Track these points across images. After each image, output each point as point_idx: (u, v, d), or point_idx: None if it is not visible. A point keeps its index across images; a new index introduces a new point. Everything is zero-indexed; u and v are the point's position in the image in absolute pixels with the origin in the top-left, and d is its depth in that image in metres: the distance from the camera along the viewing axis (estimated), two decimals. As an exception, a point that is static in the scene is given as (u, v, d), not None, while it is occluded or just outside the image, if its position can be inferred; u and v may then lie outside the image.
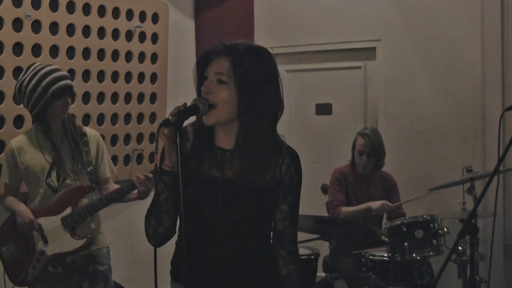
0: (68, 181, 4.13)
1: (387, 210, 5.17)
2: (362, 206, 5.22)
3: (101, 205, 4.15)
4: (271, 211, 2.62)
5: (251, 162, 2.52)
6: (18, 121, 4.71)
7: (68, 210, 4.10)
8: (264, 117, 2.51)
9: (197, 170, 2.55)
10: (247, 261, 2.59)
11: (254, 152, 2.51)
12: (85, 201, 4.16)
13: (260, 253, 2.63)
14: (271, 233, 2.68)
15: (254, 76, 2.45)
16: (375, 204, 5.16)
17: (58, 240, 4.09)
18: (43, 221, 4.07)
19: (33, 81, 3.98)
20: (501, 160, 3.20)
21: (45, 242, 4.09)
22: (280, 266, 2.64)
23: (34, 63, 4.12)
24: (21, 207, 4.09)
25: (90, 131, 4.32)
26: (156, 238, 2.56)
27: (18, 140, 4.17)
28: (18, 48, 4.71)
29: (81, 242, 4.11)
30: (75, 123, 4.26)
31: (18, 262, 4.14)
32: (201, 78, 2.52)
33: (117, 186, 4.35)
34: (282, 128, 3.09)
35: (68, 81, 4.09)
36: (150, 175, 3.95)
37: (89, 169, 4.20)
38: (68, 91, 4.08)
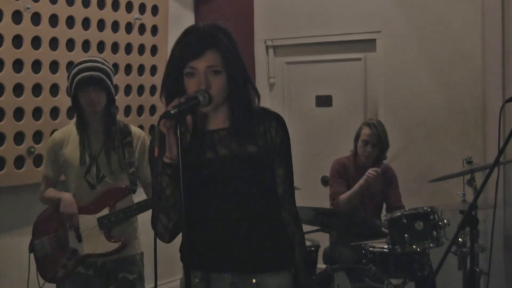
0: (107, 179, 4.04)
1: (373, 178, 5.15)
2: (355, 187, 5.21)
3: (140, 210, 4.07)
4: (272, 178, 2.65)
5: (242, 135, 2.58)
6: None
7: (105, 211, 4.03)
8: (249, 88, 2.61)
9: (192, 158, 2.56)
10: (258, 237, 2.61)
11: (247, 124, 2.58)
12: (124, 203, 4.08)
13: (270, 227, 2.65)
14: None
15: (235, 56, 2.55)
16: (362, 180, 5.16)
17: (92, 240, 4.02)
18: (79, 218, 4.02)
19: (69, 72, 3.97)
20: (501, 151, 3.20)
21: (79, 240, 4.02)
22: None
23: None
24: (66, 196, 4.03)
25: (136, 130, 4.22)
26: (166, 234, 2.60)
27: (61, 132, 4.14)
28: (17, 41, 4.74)
29: (115, 245, 4.03)
30: (118, 121, 4.13)
31: (49, 258, 4.08)
32: (178, 75, 2.53)
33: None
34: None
35: (93, 73, 3.90)
36: None
37: (130, 171, 4.10)
38: (92, 82, 3.90)
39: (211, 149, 2.59)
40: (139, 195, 4.19)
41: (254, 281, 2.62)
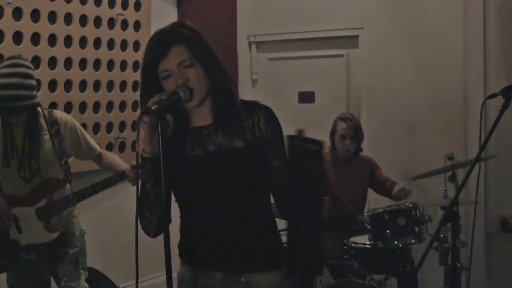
0: (41, 173, 4.08)
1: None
2: None
3: (77, 200, 4.15)
4: (263, 173, 2.62)
5: (228, 131, 2.57)
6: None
7: (43, 202, 4.08)
8: (229, 80, 2.61)
9: (180, 155, 2.58)
10: (247, 235, 2.61)
11: (231, 120, 2.58)
12: (60, 193, 4.14)
13: (261, 224, 2.65)
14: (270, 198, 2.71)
15: (204, 47, 2.54)
16: None
17: (32, 230, 4.08)
18: (17, 211, 4.06)
19: None
20: (482, 148, 3.24)
21: (19, 232, 4.08)
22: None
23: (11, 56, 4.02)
24: None
25: (61, 115, 4.22)
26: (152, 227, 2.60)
27: None
28: (-2, 36, 4.71)
29: (54, 236, 4.11)
30: (44, 112, 4.15)
31: None
32: (152, 79, 2.53)
33: (113, 156, 4.46)
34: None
35: (12, 104, 3.87)
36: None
37: (63, 161, 4.15)
38: (12, 110, 3.92)
39: (199, 146, 2.59)
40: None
41: (243, 280, 2.62)
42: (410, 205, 4.73)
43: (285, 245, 2.68)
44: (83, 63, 5.32)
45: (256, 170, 2.60)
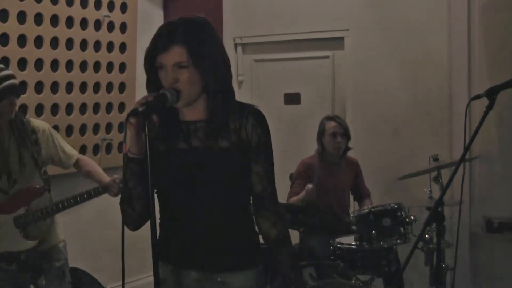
0: (19, 183, 4.05)
1: (310, 193, 5.16)
2: (299, 196, 5.21)
3: (57, 210, 4.12)
4: (244, 176, 2.63)
5: (215, 128, 2.58)
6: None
7: (21, 210, 4.04)
8: (226, 81, 2.60)
9: (165, 148, 2.61)
10: (225, 235, 2.62)
11: (222, 117, 2.59)
12: (39, 202, 4.10)
13: (239, 226, 2.66)
14: (251, 201, 2.72)
15: (207, 50, 2.53)
16: (303, 193, 5.19)
17: (9, 238, 4.03)
18: None
19: None
20: (467, 149, 3.22)
21: None
22: (268, 228, 2.67)
23: None
24: None
25: (39, 124, 4.21)
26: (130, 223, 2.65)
27: None
28: (-17, 39, 4.71)
29: (32, 244, 4.07)
30: (23, 121, 4.13)
31: None
32: (152, 69, 2.57)
33: (91, 163, 4.40)
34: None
35: (14, 81, 3.96)
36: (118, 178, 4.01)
37: (42, 171, 4.14)
38: (14, 91, 3.95)
39: (185, 140, 2.61)
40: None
41: (219, 279, 2.63)
42: (395, 206, 4.74)
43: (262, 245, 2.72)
44: (69, 65, 5.33)
45: (236, 172, 2.61)
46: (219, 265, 2.63)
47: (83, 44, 5.43)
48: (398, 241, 4.70)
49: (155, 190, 2.62)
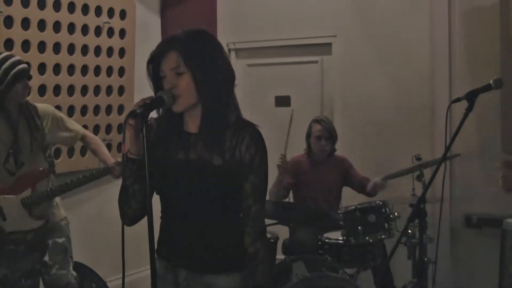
0: (25, 166, 4.17)
1: (281, 162, 5.26)
2: (275, 179, 5.29)
3: (60, 192, 4.24)
4: (237, 191, 2.62)
5: (210, 144, 2.57)
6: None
7: (27, 192, 4.15)
8: (222, 93, 2.59)
9: (164, 154, 2.64)
10: (214, 240, 2.64)
11: (215, 133, 2.58)
12: (44, 183, 4.21)
13: (227, 232, 2.67)
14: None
15: (201, 58, 2.54)
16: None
17: (16, 218, 4.13)
18: (1, 199, 4.10)
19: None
20: (448, 149, 3.37)
21: (4, 219, 4.11)
22: (247, 244, 2.63)
23: None
24: None
25: (43, 108, 4.33)
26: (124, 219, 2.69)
27: None
28: (-10, 43, 4.73)
29: (39, 223, 4.19)
30: (29, 106, 4.24)
31: None
32: (157, 78, 2.61)
33: (98, 142, 4.52)
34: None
35: (25, 65, 4.11)
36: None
37: (47, 154, 4.26)
38: (26, 74, 4.11)
39: (184, 150, 2.63)
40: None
41: (205, 280, 2.67)
42: (380, 203, 4.83)
43: None
44: (71, 69, 5.40)
45: (228, 188, 2.60)
46: (206, 266, 2.66)
47: (84, 49, 5.47)
48: (383, 236, 4.79)
49: (155, 190, 2.66)
